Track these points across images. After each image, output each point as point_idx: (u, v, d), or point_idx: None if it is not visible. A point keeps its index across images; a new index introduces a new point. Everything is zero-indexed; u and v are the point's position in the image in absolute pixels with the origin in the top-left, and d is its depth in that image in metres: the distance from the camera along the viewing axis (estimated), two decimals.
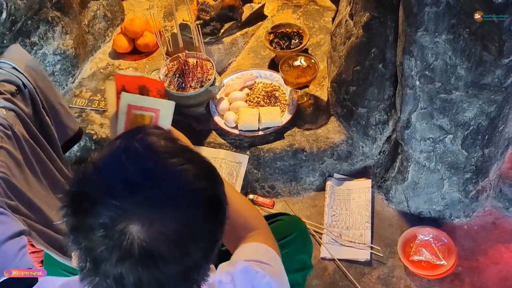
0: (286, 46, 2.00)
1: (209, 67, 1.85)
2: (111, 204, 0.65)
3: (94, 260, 0.66)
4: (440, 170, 1.63)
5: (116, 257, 0.65)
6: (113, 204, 0.65)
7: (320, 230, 1.74)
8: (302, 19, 2.18)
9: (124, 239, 0.64)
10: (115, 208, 0.65)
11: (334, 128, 1.83)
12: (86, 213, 0.66)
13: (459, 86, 1.42)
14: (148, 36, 2.12)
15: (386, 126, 1.74)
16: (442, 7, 1.29)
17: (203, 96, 1.82)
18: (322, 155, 1.80)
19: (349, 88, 1.73)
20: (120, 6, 2.29)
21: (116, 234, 0.64)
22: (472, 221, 1.73)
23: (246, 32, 2.12)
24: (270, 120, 1.80)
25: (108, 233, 0.65)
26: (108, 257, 0.65)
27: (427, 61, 1.41)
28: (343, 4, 1.82)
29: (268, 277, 0.90)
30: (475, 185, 1.66)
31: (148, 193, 0.66)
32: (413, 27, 1.36)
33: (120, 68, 2.10)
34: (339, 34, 1.79)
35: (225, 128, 1.84)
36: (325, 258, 1.67)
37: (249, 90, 1.95)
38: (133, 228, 0.64)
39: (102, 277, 0.67)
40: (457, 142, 1.55)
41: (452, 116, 1.49)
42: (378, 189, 1.82)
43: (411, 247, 1.65)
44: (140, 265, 0.65)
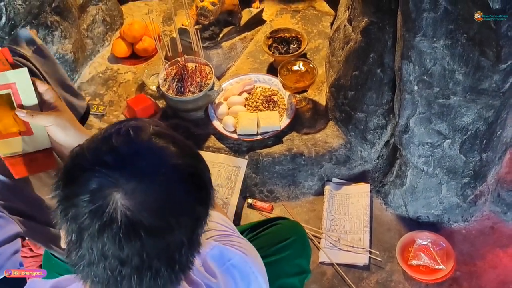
0: (284, 50, 2.00)
1: (208, 72, 1.85)
2: (100, 171, 0.68)
3: (79, 229, 0.68)
4: (438, 174, 1.64)
5: (99, 224, 0.66)
6: (101, 171, 0.68)
7: (318, 234, 1.74)
8: (301, 24, 2.19)
9: (108, 205, 0.66)
10: (103, 175, 0.67)
11: (332, 132, 1.84)
12: (76, 180, 0.69)
13: (457, 91, 1.42)
14: (147, 41, 2.12)
15: (384, 131, 1.74)
16: (440, 13, 1.30)
17: (202, 100, 1.82)
18: (320, 159, 1.81)
19: (347, 93, 1.73)
20: (119, 10, 2.30)
21: (101, 200, 0.66)
22: (470, 226, 1.73)
23: (245, 36, 2.13)
24: (268, 125, 1.81)
25: (93, 198, 0.67)
26: (91, 225, 0.66)
27: (425, 66, 1.42)
28: (342, 9, 1.83)
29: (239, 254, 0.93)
30: (473, 189, 1.66)
31: (134, 165, 0.69)
32: (411, 33, 1.37)
33: (119, 72, 2.11)
34: (338, 39, 1.80)
35: (224, 132, 1.84)
36: (324, 263, 1.68)
37: (248, 94, 1.95)
38: (117, 195, 0.66)
39: (86, 249, 0.68)
40: (455, 147, 1.55)
41: (450, 121, 1.50)
42: (376, 194, 1.82)
43: (410, 252, 1.65)
44: (122, 234, 0.66)
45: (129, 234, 0.66)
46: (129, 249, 0.67)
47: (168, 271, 0.71)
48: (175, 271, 0.72)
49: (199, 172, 0.74)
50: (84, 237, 0.67)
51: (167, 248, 0.69)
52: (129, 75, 2.10)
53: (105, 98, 2.01)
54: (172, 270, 0.71)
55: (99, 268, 0.68)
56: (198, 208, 0.73)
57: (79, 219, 0.67)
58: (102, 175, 0.67)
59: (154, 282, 0.70)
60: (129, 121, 0.75)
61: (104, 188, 0.67)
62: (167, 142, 0.72)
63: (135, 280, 0.69)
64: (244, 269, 0.93)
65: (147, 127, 0.73)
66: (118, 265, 0.68)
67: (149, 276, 0.69)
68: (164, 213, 0.68)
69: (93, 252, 0.67)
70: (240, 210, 1.82)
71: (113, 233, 0.66)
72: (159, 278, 0.70)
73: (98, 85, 2.06)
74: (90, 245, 0.67)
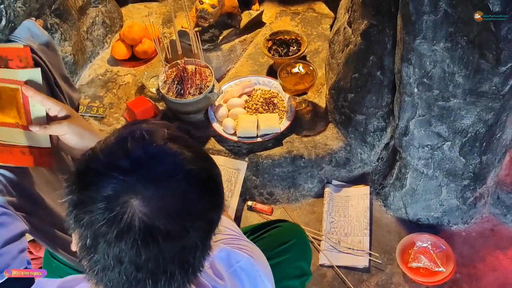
0: (284, 53, 2.00)
1: (208, 74, 1.85)
2: (116, 177, 0.67)
3: (94, 235, 0.67)
4: (438, 177, 1.64)
5: (116, 231, 0.66)
6: (118, 177, 0.67)
7: (318, 237, 1.74)
8: (300, 26, 2.19)
9: (125, 212, 0.66)
10: (119, 181, 0.67)
11: (332, 135, 1.84)
12: (91, 186, 0.68)
13: (457, 94, 1.42)
14: (147, 43, 2.12)
15: (384, 133, 1.74)
16: (440, 15, 1.30)
17: (201, 103, 1.82)
18: (320, 161, 1.81)
19: (347, 95, 1.73)
20: (119, 12, 2.29)
21: (118, 207, 0.66)
22: (470, 228, 1.73)
23: (245, 39, 2.13)
24: (268, 127, 1.81)
25: (110, 205, 0.66)
26: (108, 232, 0.66)
27: (425, 68, 1.42)
28: (341, 12, 1.83)
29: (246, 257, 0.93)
30: (473, 192, 1.66)
31: (150, 170, 0.69)
32: (411, 35, 1.37)
33: (118, 74, 2.10)
34: (337, 42, 1.80)
35: (224, 134, 1.84)
36: (324, 265, 1.68)
37: (247, 96, 1.95)
38: (135, 202, 0.66)
39: (101, 254, 0.68)
40: (455, 149, 1.56)
41: (450, 123, 1.50)
42: (376, 196, 1.83)
43: (410, 254, 1.65)
44: (140, 241, 0.66)
45: (147, 240, 0.66)
46: (146, 254, 0.67)
47: (182, 274, 0.71)
48: (188, 274, 0.72)
49: (213, 177, 0.75)
50: (100, 243, 0.67)
51: (182, 251, 0.70)
52: (128, 77, 2.10)
53: (105, 100, 2.01)
54: (186, 273, 0.72)
55: (114, 272, 0.68)
56: (212, 212, 0.73)
57: (95, 225, 0.67)
58: (119, 181, 0.67)
59: (168, 285, 0.71)
60: (141, 124, 0.75)
61: (121, 194, 0.67)
62: (181, 147, 0.72)
63: (149, 284, 0.69)
64: (251, 272, 0.93)
65: (161, 131, 0.73)
66: (134, 270, 0.68)
67: (164, 280, 0.70)
68: (181, 218, 0.69)
69: (108, 257, 0.67)
70: (240, 212, 1.82)
71: (131, 239, 0.66)
72: (173, 282, 0.71)
73: (98, 87, 2.06)
74: (106, 251, 0.67)
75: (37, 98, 1.03)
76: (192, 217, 0.70)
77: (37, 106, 1.03)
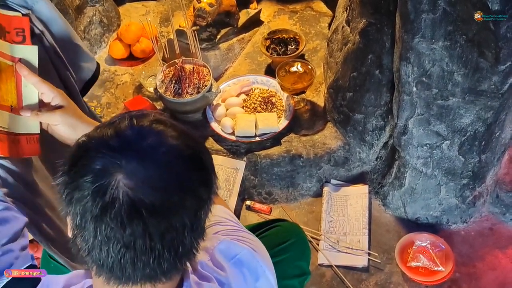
0: (282, 52, 2.00)
1: (206, 73, 1.85)
2: (103, 153, 0.69)
3: (83, 211, 0.68)
4: (437, 176, 1.63)
5: (101, 204, 0.67)
6: (105, 153, 0.69)
7: (317, 236, 1.73)
8: (299, 24, 2.19)
9: (110, 185, 0.67)
10: (106, 156, 0.69)
11: (331, 134, 1.83)
12: (80, 162, 0.70)
13: (456, 93, 1.42)
14: (144, 42, 2.12)
15: (383, 132, 1.74)
16: (438, 14, 1.30)
17: (199, 102, 1.81)
18: (319, 161, 1.80)
19: (345, 94, 1.73)
20: (116, 11, 2.29)
21: (103, 180, 0.67)
22: (469, 227, 1.73)
23: (243, 38, 2.13)
24: (267, 126, 1.80)
25: (96, 179, 0.68)
26: (93, 205, 0.67)
27: (424, 67, 1.41)
28: (340, 10, 1.83)
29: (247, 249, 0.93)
30: (472, 190, 1.66)
31: (134, 145, 0.70)
32: (410, 34, 1.37)
33: (116, 74, 2.10)
34: (336, 40, 1.79)
35: (222, 134, 1.83)
36: (323, 265, 1.67)
37: (245, 96, 1.94)
38: (119, 176, 0.68)
39: (89, 231, 0.69)
40: (454, 148, 1.55)
41: (449, 122, 1.49)
42: (375, 195, 1.82)
43: (409, 253, 1.65)
44: (124, 214, 0.67)
45: (131, 213, 0.67)
46: (131, 229, 0.67)
47: (172, 254, 0.71)
48: (178, 254, 0.72)
49: (198, 153, 0.75)
50: (88, 219, 0.68)
51: (169, 229, 0.69)
52: (126, 76, 2.09)
53: (103, 100, 2.00)
54: (176, 254, 0.71)
55: (102, 251, 0.69)
56: (200, 189, 0.73)
57: (83, 201, 0.68)
58: (105, 156, 0.69)
59: (158, 266, 0.71)
60: (132, 112, 0.77)
61: (107, 169, 0.68)
62: (167, 126, 0.74)
63: (138, 263, 0.69)
64: (252, 264, 0.93)
65: (149, 114, 0.76)
66: (121, 248, 0.68)
67: (152, 259, 0.70)
68: (165, 191, 0.69)
69: (96, 234, 0.68)
70: (239, 212, 1.82)
71: (115, 213, 0.67)
72: (162, 262, 0.71)
73: (95, 87, 2.04)
74: (93, 226, 0.68)
75: (32, 79, 0.99)
76: (177, 191, 0.70)
77: (30, 88, 0.97)
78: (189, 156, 0.74)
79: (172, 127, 0.75)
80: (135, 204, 0.67)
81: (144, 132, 0.72)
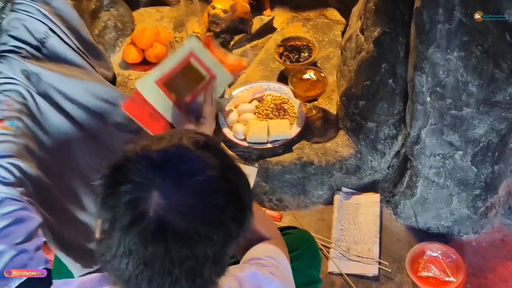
0: (295, 59, 2.00)
1: None
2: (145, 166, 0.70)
3: (113, 218, 0.69)
4: (449, 186, 1.63)
5: (131, 216, 0.67)
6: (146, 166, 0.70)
7: (328, 244, 1.73)
8: (312, 32, 2.19)
9: (144, 199, 0.68)
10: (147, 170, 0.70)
11: (343, 141, 1.83)
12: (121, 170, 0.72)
13: (470, 103, 1.42)
14: (158, 47, 2.13)
15: (395, 141, 1.74)
16: (454, 25, 1.30)
17: None
18: (330, 168, 1.80)
19: (358, 102, 1.73)
20: (130, 16, 2.30)
21: (139, 193, 0.68)
22: (480, 238, 1.72)
23: (256, 44, 2.14)
24: (279, 133, 1.80)
25: (134, 190, 0.69)
26: (124, 215, 0.68)
27: (439, 77, 1.41)
28: (354, 19, 1.83)
29: (276, 282, 0.92)
30: (484, 201, 1.65)
31: (174, 167, 0.71)
32: (425, 44, 1.37)
33: (129, 78, 2.11)
34: (350, 49, 1.80)
35: (234, 140, 1.84)
36: (333, 273, 1.67)
37: (258, 102, 1.95)
38: (155, 192, 0.68)
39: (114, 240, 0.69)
40: (467, 158, 1.55)
41: (462, 132, 1.49)
42: (386, 204, 1.82)
43: (419, 263, 1.64)
44: (150, 232, 0.67)
45: (156, 233, 0.67)
46: (153, 249, 0.67)
47: (188, 283, 0.70)
48: (195, 284, 0.71)
49: (236, 188, 0.75)
50: (116, 227, 0.69)
51: (191, 258, 0.69)
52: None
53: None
54: (193, 283, 0.71)
55: (122, 263, 0.69)
56: (231, 225, 0.73)
57: (116, 208, 0.69)
58: (147, 169, 0.70)
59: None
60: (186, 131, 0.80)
61: (146, 183, 0.69)
62: (212, 154, 0.74)
63: (153, 284, 0.69)
64: None
65: (198, 138, 0.76)
66: (140, 264, 0.68)
67: (169, 282, 0.69)
68: (193, 220, 0.69)
69: (120, 245, 0.69)
70: None
71: (142, 228, 0.67)
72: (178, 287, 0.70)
73: None
74: (119, 236, 0.69)
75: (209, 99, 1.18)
76: (206, 223, 0.70)
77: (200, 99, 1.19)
78: (226, 190, 0.73)
79: (218, 156, 0.74)
80: (162, 224, 0.67)
81: (187, 155, 0.72)
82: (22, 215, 1.01)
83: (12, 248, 0.98)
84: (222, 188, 0.72)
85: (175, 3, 2.40)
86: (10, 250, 0.97)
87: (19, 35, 1.21)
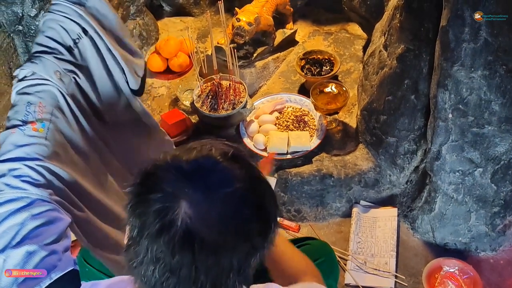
0: (317, 72, 2.03)
1: (242, 90, 1.89)
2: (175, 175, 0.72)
3: (142, 226, 0.71)
4: (468, 202, 1.64)
5: (160, 225, 0.69)
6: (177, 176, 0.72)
7: (345, 256, 1.74)
8: (333, 46, 2.22)
9: (173, 208, 0.69)
10: (177, 180, 0.71)
11: (362, 155, 1.85)
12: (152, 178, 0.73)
13: (492, 121, 1.43)
14: (182, 57, 2.17)
15: (414, 156, 1.75)
16: (480, 44, 1.32)
17: (234, 118, 1.85)
18: (349, 181, 1.82)
19: (379, 117, 1.75)
20: (155, 26, 2.35)
21: (168, 202, 0.70)
22: (498, 255, 1.72)
23: (278, 56, 2.17)
24: (299, 144, 1.83)
25: (164, 199, 0.70)
26: (153, 223, 0.69)
27: (461, 95, 1.43)
28: (377, 35, 1.85)
29: None
30: (502, 219, 1.66)
31: (204, 177, 0.72)
32: (449, 62, 1.39)
33: (153, 86, 2.15)
34: (372, 64, 1.82)
35: (254, 150, 1.86)
36: (349, 285, 1.68)
37: (278, 113, 1.98)
38: (184, 203, 0.69)
39: (142, 247, 0.70)
40: (486, 175, 1.56)
41: (483, 150, 1.50)
42: (403, 218, 1.83)
43: (436, 278, 1.65)
44: (177, 241, 0.68)
45: (184, 242, 0.69)
46: (180, 257, 0.69)
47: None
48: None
49: (263, 202, 0.76)
50: (144, 235, 0.70)
51: (216, 266, 0.71)
52: (163, 89, 2.14)
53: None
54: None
55: (149, 269, 0.71)
56: (256, 238, 0.74)
57: (145, 216, 0.71)
58: (177, 179, 0.71)
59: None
60: (214, 141, 0.79)
61: (176, 193, 0.70)
62: (242, 166, 0.75)
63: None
64: None
65: (228, 149, 0.77)
66: (167, 272, 0.70)
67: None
68: (220, 230, 0.71)
69: (147, 252, 0.70)
70: None
71: (170, 237, 0.69)
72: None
73: None
74: (147, 244, 0.70)
75: None
76: (232, 234, 0.71)
77: None
78: (253, 203, 0.74)
79: (246, 168, 0.76)
80: (189, 234, 0.69)
81: (216, 166, 0.74)
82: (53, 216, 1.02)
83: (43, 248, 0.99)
84: (249, 200, 0.74)
85: (199, 13, 2.45)
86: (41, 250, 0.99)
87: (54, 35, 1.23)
